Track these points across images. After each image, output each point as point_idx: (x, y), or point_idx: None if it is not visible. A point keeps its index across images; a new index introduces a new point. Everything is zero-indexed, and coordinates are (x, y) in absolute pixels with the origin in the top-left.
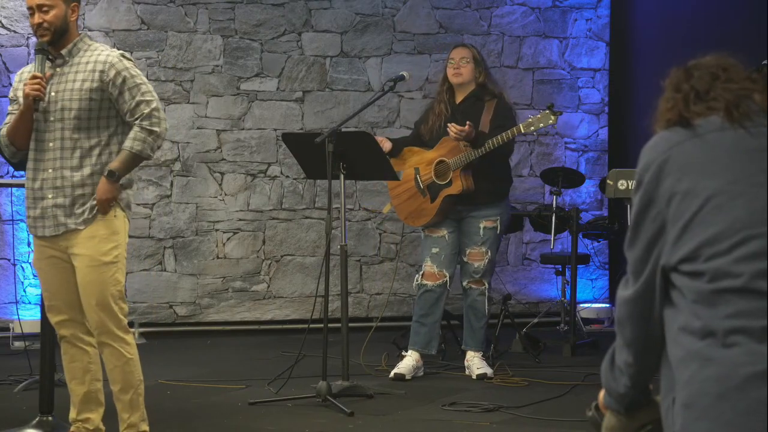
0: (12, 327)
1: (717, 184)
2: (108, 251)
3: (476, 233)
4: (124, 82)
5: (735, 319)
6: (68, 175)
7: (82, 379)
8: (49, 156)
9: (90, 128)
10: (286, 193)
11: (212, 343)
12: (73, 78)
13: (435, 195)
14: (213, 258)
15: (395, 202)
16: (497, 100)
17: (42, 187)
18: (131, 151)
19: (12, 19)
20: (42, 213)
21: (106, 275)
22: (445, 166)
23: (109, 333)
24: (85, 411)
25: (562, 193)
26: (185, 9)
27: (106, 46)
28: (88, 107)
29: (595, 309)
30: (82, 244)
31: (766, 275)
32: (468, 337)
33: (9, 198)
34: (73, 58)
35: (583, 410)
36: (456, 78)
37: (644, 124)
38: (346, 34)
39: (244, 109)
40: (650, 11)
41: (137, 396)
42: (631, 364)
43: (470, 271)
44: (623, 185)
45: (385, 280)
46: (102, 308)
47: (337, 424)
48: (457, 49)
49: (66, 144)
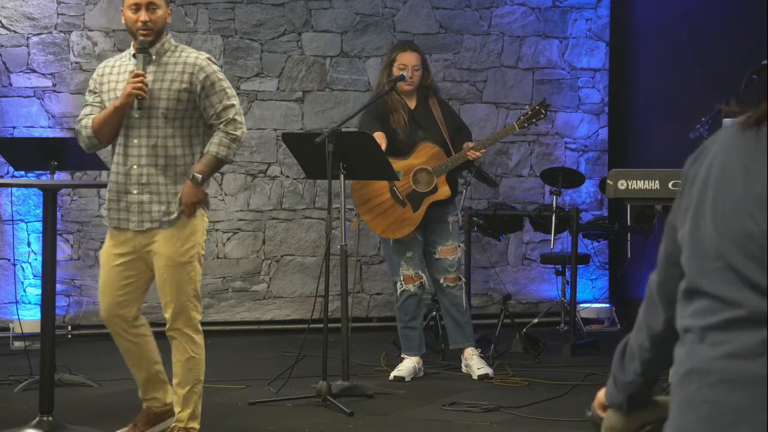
0: (12, 327)
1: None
2: (186, 251)
3: (446, 229)
4: (212, 85)
5: (687, 319)
6: (153, 172)
7: (140, 366)
8: (134, 152)
9: (175, 128)
10: (286, 193)
11: (212, 343)
12: (161, 78)
13: (418, 203)
14: (213, 258)
15: (368, 217)
16: (434, 96)
17: (126, 182)
18: (217, 156)
19: (12, 19)
20: (127, 207)
21: (182, 275)
22: (427, 173)
23: (178, 330)
24: (150, 391)
25: (562, 193)
26: (185, 9)
27: (192, 49)
28: (175, 107)
29: (595, 309)
30: (162, 243)
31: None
32: (456, 335)
33: (9, 198)
34: (161, 57)
35: (583, 410)
36: (408, 86)
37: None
38: (346, 34)
39: (244, 109)
40: (650, 11)
41: (192, 394)
42: (647, 349)
43: (445, 267)
44: (623, 185)
45: (385, 280)
46: (176, 307)
47: (337, 424)
48: (407, 55)
49: (151, 142)
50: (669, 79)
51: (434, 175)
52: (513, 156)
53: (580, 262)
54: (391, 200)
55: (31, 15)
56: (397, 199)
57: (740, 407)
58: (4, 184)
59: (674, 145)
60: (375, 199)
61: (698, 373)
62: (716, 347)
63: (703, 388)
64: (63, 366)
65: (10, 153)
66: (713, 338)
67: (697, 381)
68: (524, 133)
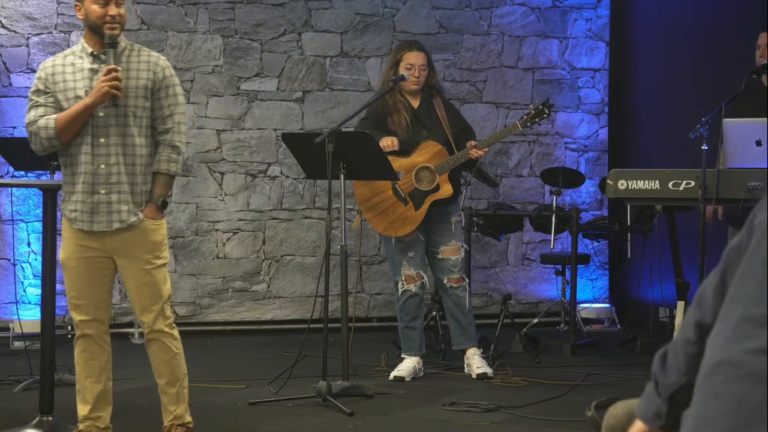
0: (12, 327)
1: None
2: (160, 254)
3: (448, 229)
4: (167, 88)
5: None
6: (122, 171)
7: (98, 378)
8: (101, 152)
9: (142, 126)
10: (286, 193)
11: (212, 343)
12: (126, 75)
13: (420, 201)
14: (213, 258)
15: (369, 215)
16: (438, 96)
17: (94, 182)
18: (168, 173)
19: (12, 19)
20: (93, 208)
21: (159, 277)
22: (430, 171)
23: (160, 331)
24: (98, 409)
25: (562, 193)
26: (185, 9)
27: (148, 48)
28: (143, 105)
29: (595, 309)
30: (136, 246)
31: None
32: (459, 336)
33: (9, 198)
34: (122, 56)
35: (583, 410)
36: (415, 86)
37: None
38: (346, 34)
39: (244, 109)
40: (650, 11)
41: (182, 389)
42: (693, 342)
43: (448, 267)
44: (623, 185)
45: (385, 280)
46: (156, 308)
47: (337, 424)
48: (414, 54)
49: (120, 141)
50: (669, 79)
51: (437, 173)
52: (513, 156)
53: (580, 262)
54: (393, 198)
55: (31, 15)
56: (399, 197)
57: (763, 404)
58: (4, 184)
59: (674, 145)
60: (377, 197)
61: (726, 365)
62: (748, 341)
63: (730, 380)
64: (63, 366)
65: (10, 153)
66: (747, 331)
67: (724, 373)
68: (524, 133)
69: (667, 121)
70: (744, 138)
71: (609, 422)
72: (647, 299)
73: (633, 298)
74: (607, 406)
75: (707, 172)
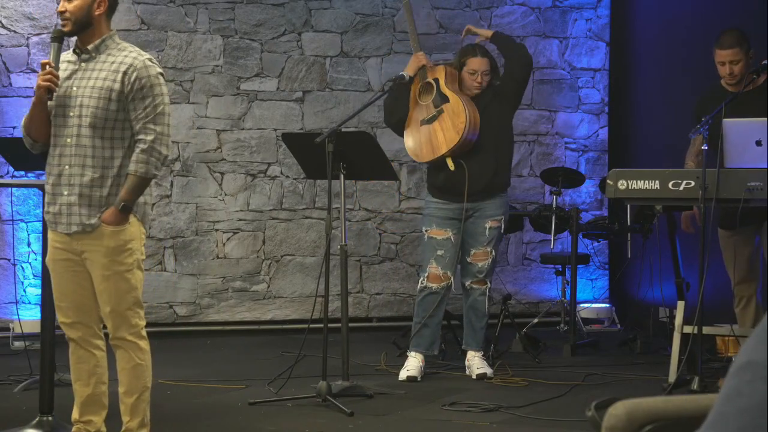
0: (12, 327)
1: None
2: (124, 260)
3: (482, 233)
4: (142, 89)
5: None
6: (86, 173)
7: (87, 381)
8: (67, 152)
9: (105, 128)
10: (286, 193)
11: (212, 343)
12: (96, 75)
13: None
14: (213, 258)
15: (410, 141)
16: (497, 97)
17: (59, 183)
18: (136, 175)
19: (12, 19)
20: (59, 210)
21: (120, 284)
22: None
23: (122, 338)
24: (87, 413)
25: (562, 193)
26: (185, 9)
27: (136, 48)
28: (106, 107)
29: (595, 309)
30: (96, 251)
31: None
32: (469, 337)
33: (9, 198)
34: (99, 55)
35: (583, 410)
36: (477, 90)
37: (644, 124)
38: (346, 34)
39: (244, 109)
40: (650, 11)
41: (140, 402)
42: None
43: (474, 271)
44: (623, 185)
45: (385, 280)
46: (117, 315)
47: (337, 424)
48: (477, 60)
49: (83, 141)
50: (669, 79)
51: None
52: (513, 156)
53: (580, 262)
54: (421, 112)
55: (31, 15)
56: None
57: None
58: (4, 184)
59: (674, 145)
60: (413, 116)
61: (755, 365)
62: None
63: (756, 380)
64: (63, 366)
65: (10, 153)
66: None
67: (751, 372)
68: (524, 132)
69: (667, 121)
70: (744, 138)
71: (609, 422)
72: (647, 299)
73: (633, 298)
74: (607, 406)
75: (707, 172)
